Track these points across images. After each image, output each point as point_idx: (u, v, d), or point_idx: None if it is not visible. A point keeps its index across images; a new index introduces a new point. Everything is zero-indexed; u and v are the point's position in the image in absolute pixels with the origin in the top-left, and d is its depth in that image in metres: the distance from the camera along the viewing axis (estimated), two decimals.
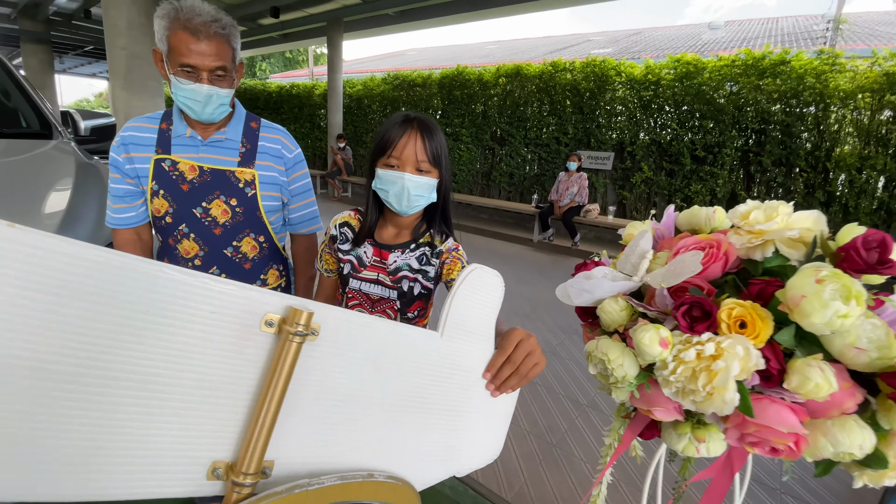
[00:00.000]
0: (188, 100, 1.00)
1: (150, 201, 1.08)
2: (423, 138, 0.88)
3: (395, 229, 1.00)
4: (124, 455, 0.40)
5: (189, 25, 0.95)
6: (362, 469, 0.56)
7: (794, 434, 0.56)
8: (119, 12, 5.83)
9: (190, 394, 0.42)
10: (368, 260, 0.99)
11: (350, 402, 0.53)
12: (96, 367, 0.37)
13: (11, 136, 1.76)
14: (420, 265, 0.97)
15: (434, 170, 0.91)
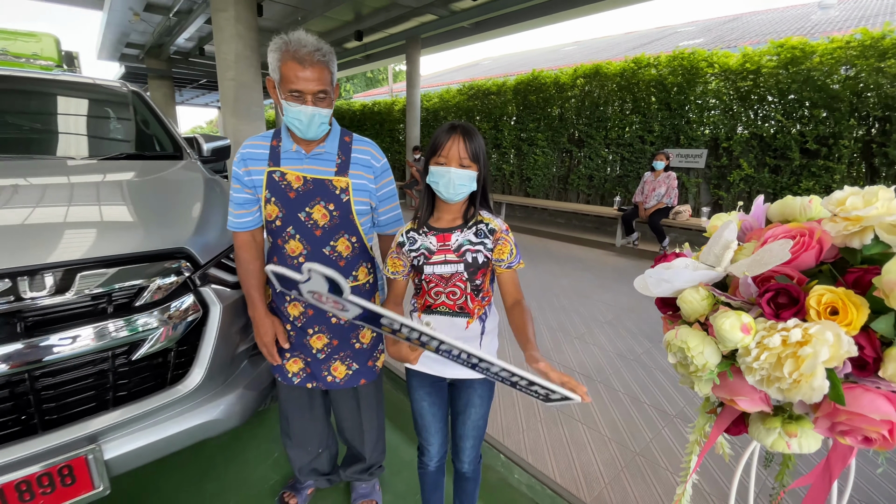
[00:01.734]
0: (296, 120, 1.18)
1: (263, 208, 1.28)
2: (464, 141, 1.08)
3: (449, 216, 1.17)
4: None
5: (296, 56, 1.12)
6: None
7: (888, 422, 0.54)
8: (228, 47, 6.67)
9: None
10: (434, 247, 1.16)
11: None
12: None
13: (151, 158, 2.14)
14: (478, 238, 1.15)
15: (474, 165, 1.10)
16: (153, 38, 11.98)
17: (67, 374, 1.13)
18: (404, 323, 0.83)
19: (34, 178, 1.59)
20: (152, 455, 1.28)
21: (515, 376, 0.78)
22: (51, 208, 1.33)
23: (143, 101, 2.50)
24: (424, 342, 0.86)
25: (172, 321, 1.26)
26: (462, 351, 0.78)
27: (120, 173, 1.78)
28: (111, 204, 1.46)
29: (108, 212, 1.39)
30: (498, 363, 0.76)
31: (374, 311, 0.85)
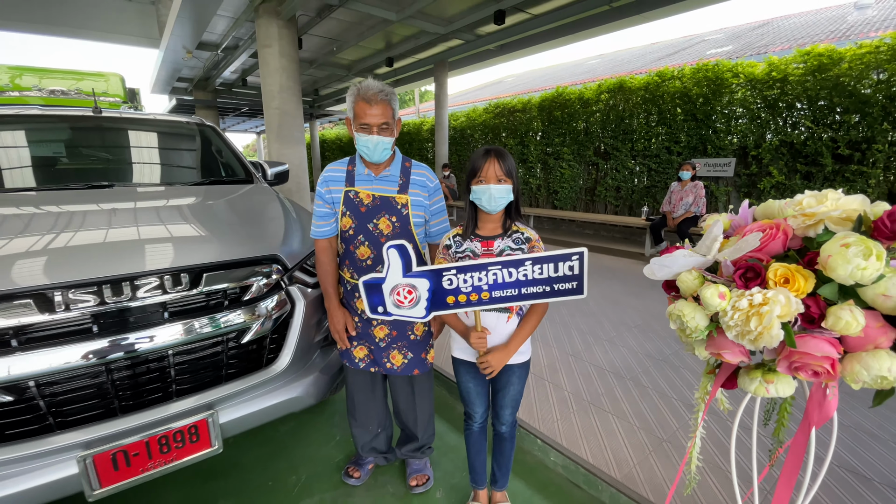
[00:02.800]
0: (364, 147, 1.48)
1: (339, 220, 1.57)
2: (498, 161, 1.33)
3: (491, 224, 1.43)
4: None
5: (365, 97, 1.44)
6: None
7: (828, 358, 0.75)
8: (273, 80, 7.26)
9: None
10: (479, 251, 1.41)
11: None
12: None
13: (230, 182, 2.51)
14: (517, 245, 1.39)
15: (508, 179, 1.35)
16: (202, 73, 12.99)
17: (194, 353, 1.44)
18: (461, 266, 1.26)
19: (150, 201, 1.96)
20: (252, 422, 1.57)
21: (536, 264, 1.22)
22: (172, 225, 1.68)
23: (218, 134, 2.91)
24: (479, 287, 1.27)
25: (269, 313, 1.57)
26: (503, 266, 1.23)
27: (217, 196, 2.14)
28: (217, 220, 1.81)
29: (216, 226, 1.73)
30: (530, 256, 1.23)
31: (436, 269, 1.29)
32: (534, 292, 1.26)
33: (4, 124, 2.33)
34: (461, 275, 1.27)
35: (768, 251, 0.90)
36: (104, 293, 1.28)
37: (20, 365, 1.16)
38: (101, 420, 1.31)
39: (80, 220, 1.59)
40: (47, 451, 1.22)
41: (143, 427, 1.34)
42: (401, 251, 1.27)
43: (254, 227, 1.83)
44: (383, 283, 1.31)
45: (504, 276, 1.25)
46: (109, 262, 1.34)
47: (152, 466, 1.36)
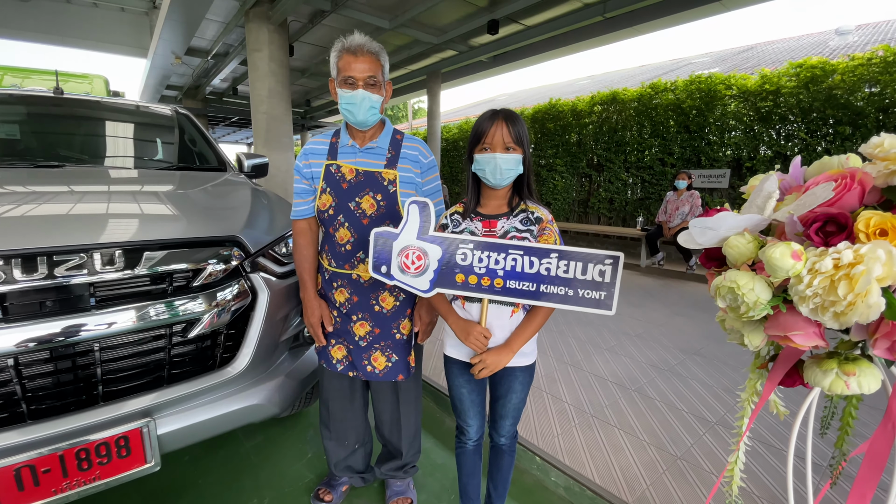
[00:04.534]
0: (348, 104, 1.28)
1: (318, 198, 1.36)
2: (507, 125, 1.14)
3: (495, 202, 1.22)
4: None
5: (350, 49, 1.26)
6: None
7: None
8: (262, 84, 7.10)
9: None
10: (480, 232, 1.20)
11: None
12: None
13: (202, 169, 2.29)
14: (525, 226, 1.18)
15: (518, 148, 1.15)
16: (191, 80, 12.82)
17: (128, 348, 1.20)
18: (480, 242, 1.10)
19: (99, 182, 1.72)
20: (200, 434, 1.31)
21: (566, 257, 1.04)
22: (123, 203, 1.45)
23: (192, 123, 2.69)
24: (493, 271, 1.10)
25: (224, 303, 1.33)
26: (524, 252, 1.06)
27: (179, 179, 1.92)
28: (174, 200, 1.58)
29: (171, 205, 1.50)
30: (553, 248, 1.06)
31: (453, 238, 1.13)
32: (553, 293, 1.07)
33: None
34: (478, 251, 1.09)
35: (841, 205, 0.71)
36: (12, 269, 1.04)
37: None
38: (3, 428, 1.05)
39: (9, 196, 1.35)
40: None
41: (58, 437, 1.08)
42: (422, 209, 1.12)
43: (214, 208, 1.61)
44: (395, 239, 1.15)
45: (524, 265, 1.07)
46: (23, 234, 1.10)
47: (68, 486, 1.10)
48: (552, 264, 1.06)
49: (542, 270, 1.07)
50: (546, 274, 1.07)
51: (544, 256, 1.06)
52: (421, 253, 1.14)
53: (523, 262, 1.07)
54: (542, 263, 1.06)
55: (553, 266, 1.06)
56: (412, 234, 1.15)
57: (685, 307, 4.17)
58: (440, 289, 1.15)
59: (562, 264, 1.05)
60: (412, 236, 1.15)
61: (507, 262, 1.08)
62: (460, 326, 1.21)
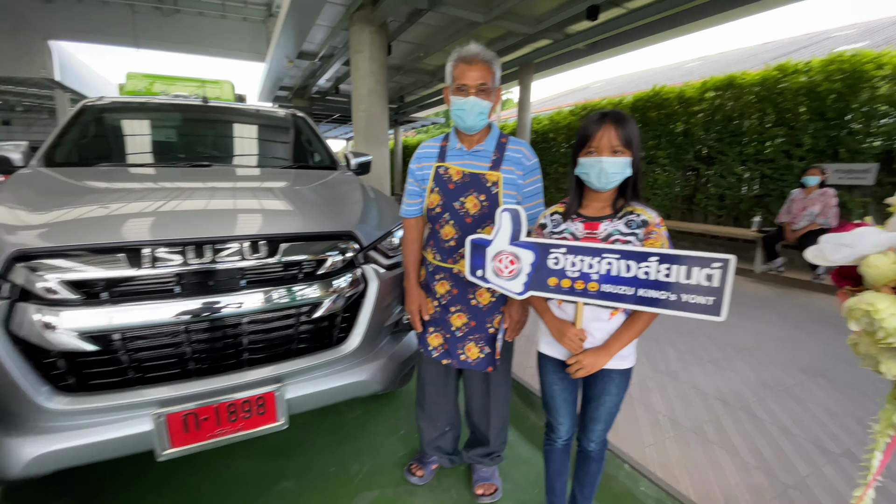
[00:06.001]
0: (459, 110, 1.37)
1: (427, 197, 1.47)
2: (616, 128, 1.12)
3: (598, 203, 1.21)
4: None
5: (464, 59, 1.35)
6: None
7: None
8: (363, 83, 7.56)
9: None
10: (580, 233, 1.21)
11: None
12: None
13: (315, 168, 2.56)
14: (629, 229, 1.16)
15: (627, 150, 1.13)
16: (300, 81, 14.08)
17: (266, 323, 1.42)
18: (572, 246, 1.11)
19: (240, 179, 2.03)
20: (318, 402, 1.52)
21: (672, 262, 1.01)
22: (263, 200, 1.70)
23: (308, 125, 3.00)
24: (587, 275, 1.10)
25: (342, 290, 1.50)
26: (625, 255, 1.05)
27: (303, 177, 2.18)
28: (302, 197, 1.82)
29: (300, 202, 1.74)
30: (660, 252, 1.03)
31: (545, 243, 1.15)
32: (653, 297, 1.04)
33: (129, 111, 2.60)
34: (570, 255, 1.11)
35: None
36: (187, 254, 1.29)
37: (108, 316, 1.20)
38: (176, 381, 1.32)
39: (177, 192, 1.66)
40: (126, 404, 1.24)
41: (214, 392, 1.33)
42: (513, 216, 1.17)
43: (333, 205, 1.81)
44: (489, 245, 1.22)
45: (620, 269, 1.06)
46: (194, 226, 1.36)
47: (220, 433, 1.34)
48: (651, 268, 1.03)
49: (640, 274, 1.05)
50: (645, 278, 1.04)
51: (642, 260, 1.04)
52: (514, 257, 1.19)
53: (619, 266, 1.06)
54: (641, 267, 1.04)
55: (652, 270, 1.03)
56: (504, 240, 1.20)
57: (808, 321, 3.69)
58: (533, 292, 1.19)
59: (663, 268, 1.02)
60: (505, 242, 1.20)
61: (602, 266, 1.08)
62: (555, 326, 1.24)
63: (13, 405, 1.18)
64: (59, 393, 1.21)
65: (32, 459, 1.17)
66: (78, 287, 1.20)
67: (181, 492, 1.68)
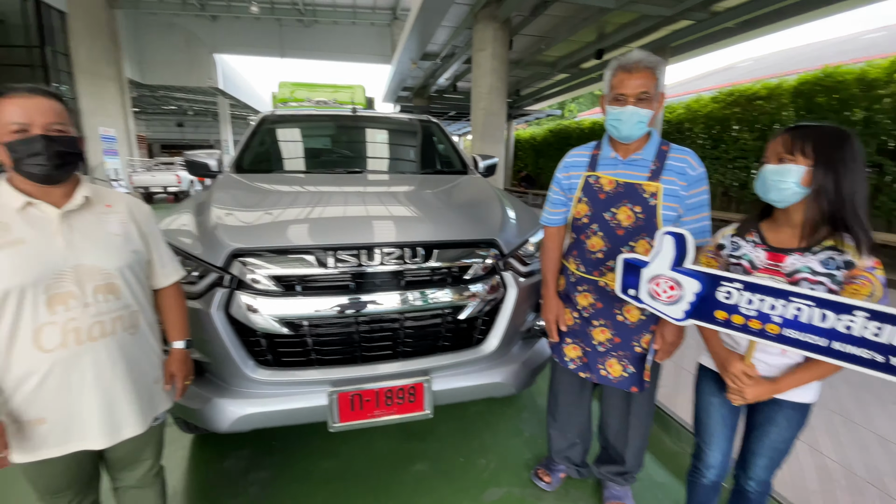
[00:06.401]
0: (614, 120, 1.32)
1: (574, 206, 1.46)
2: (789, 134, 1.01)
3: (788, 229, 1.05)
4: None
5: (625, 67, 1.29)
6: None
7: None
8: (484, 81, 7.67)
9: None
10: (761, 262, 1.07)
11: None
12: None
13: (449, 172, 2.69)
14: (825, 269, 0.99)
15: (802, 159, 0.98)
16: (421, 81, 14.79)
17: (419, 321, 1.56)
18: (752, 284, 0.96)
19: (390, 185, 2.24)
20: (458, 397, 1.63)
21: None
22: (410, 206, 1.87)
23: (441, 130, 3.17)
24: (767, 316, 0.95)
25: (484, 295, 1.59)
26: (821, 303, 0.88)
27: (442, 183, 2.34)
28: (445, 204, 1.97)
29: (445, 209, 1.88)
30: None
31: (717, 275, 1.03)
32: (852, 354, 0.87)
33: (297, 122, 3.02)
34: (748, 293, 0.98)
35: None
36: (361, 257, 1.48)
37: (298, 305, 1.43)
38: (346, 364, 1.52)
39: (346, 198, 1.90)
40: (308, 380, 1.48)
41: (374, 377, 1.52)
42: (678, 241, 1.07)
43: (474, 212, 1.90)
44: (644, 267, 1.14)
45: (813, 317, 0.90)
46: (366, 232, 1.55)
47: (378, 414, 1.52)
48: (856, 323, 0.85)
49: (838, 327, 0.87)
50: (846, 332, 0.87)
51: (845, 312, 0.86)
52: (675, 283, 1.08)
53: (812, 314, 0.90)
54: (841, 319, 0.86)
55: (857, 325, 0.85)
56: (664, 264, 1.10)
57: None
58: (696, 321, 1.09)
59: (872, 325, 0.84)
60: (664, 267, 1.10)
61: (788, 310, 0.92)
62: (720, 357, 1.15)
63: (226, 373, 1.48)
64: (260, 366, 1.48)
65: (238, 418, 1.46)
66: (277, 280, 1.45)
67: (333, 459, 1.94)
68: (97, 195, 1.06)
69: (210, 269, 1.45)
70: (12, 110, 0.90)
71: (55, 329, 0.95)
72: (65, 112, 0.96)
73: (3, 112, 0.90)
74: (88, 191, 1.03)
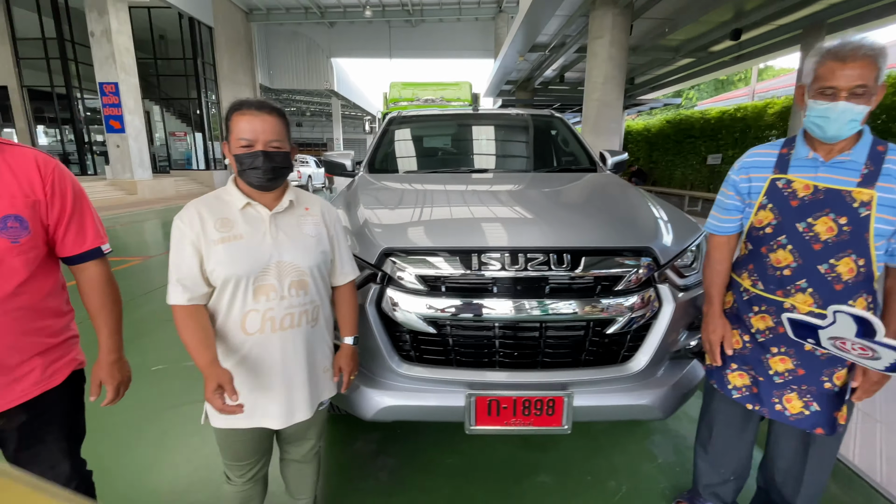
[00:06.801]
0: (817, 118, 1.11)
1: (754, 214, 1.27)
2: None
3: None
4: None
5: (838, 55, 1.06)
6: None
7: None
8: (599, 70, 7.21)
9: None
10: None
11: None
12: None
13: (576, 170, 2.54)
14: None
15: None
16: (525, 74, 14.46)
17: (562, 331, 1.49)
18: None
19: (525, 185, 2.18)
20: (597, 415, 1.53)
21: None
22: (551, 208, 1.80)
23: (565, 125, 3.02)
24: None
25: (636, 309, 1.45)
26: None
27: (577, 182, 2.22)
28: (589, 206, 1.86)
29: (590, 212, 1.77)
30: None
31: None
32: None
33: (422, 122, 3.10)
34: None
35: None
36: (505, 260, 1.44)
37: (443, 305, 1.44)
38: (485, 368, 1.51)
39: (483, 198, 1.89)
40: (448, 380, 1.49)
41: (512, 385, 1.48)
42: (862, 327, 0.92)
43: (624, 216, 1.77)
44: (819, 329, 1.02)
45: None
46: (510, 235, 1.51)
47: (514, 423, 1.49)
48: None
49: None
50: None
51: None
52: (866, 347, 0.95)
53: None
54: None
55: None
56: (846, 332, 0.95)
57: None
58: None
59: None
60: (848, 333, 0.95)
61: None
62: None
63: (374, 365, 1.55)
64: (404, 361, 1.53)
65: (383, 408, 1.52)
66: (423, 280, 1.48)
67: (457, 455, 1.96)
68: (298, 199, 1.18)
69: (364, 266, 1.53)
70: (243, 126, 1.03)
71: (257, 316, 1.08)
72: (283, 128, 1.08)
73: (235, 127, 1.04)
74: (293, 195, 1.15)
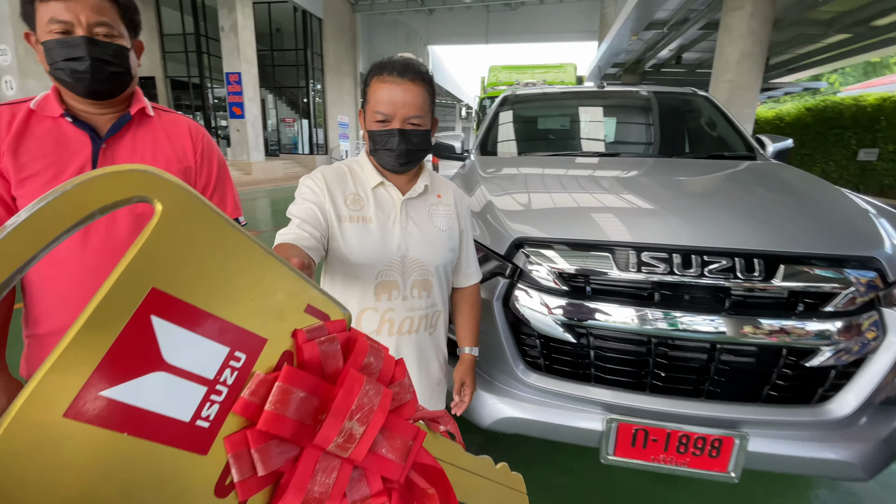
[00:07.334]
0: None
1: None
2: None
3: None
4: None
5: None
6: None
7: None
8: (734, 48, 6.24)
9: None
10: None
11: None
12: None
13: (732, 157, 2.12)
14: None
15: None
16: (636, 55, 13.26)
17: (741, 356, 1.18)
18: None
19: (677, 173, 1.85)
20: (779, 466, 1.19)
21: None
22: (726, 201, 1.47)
23: (714, 105, 2.57)
24: None
25: (850, 337, 1.10)
26: None
27: (745, 170, 1.85)
28: (778, 201, 1.49)
29: (782, 209, 1.41)
30: None
31: None
32: None
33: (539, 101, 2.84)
34: None
35: None
36: (673, 262, 1.17)
37: (584, 310, 1.22)
38: (631, 390, 1.26)
39: (633, 186, 1.62)
40: (582, 398, 1.27)
41: (665, 415, 1.21)
42: None
43: (833, 215, 1.38)
44: None
45: None
46: (683, 231, 1.23)
47: (664, 460, 1.22)
48: None
49: None
50: None
51: None
52: None
53: None
54: None
55: None
56: None
57: None
58: None
59: None
60: None
61: None
62: None
63: (495, 369, 1.37)
64: (530, 369, 1.33)
65: (502, 418, 1.34)
66: (563, 278, 1.26)
67: (567, 475, 1.73)
68: (433, 184, 1.02)
69: (491, 257, 1.35)
70: (381, 96, 0.88)
71: (375, 315, 0.94)
72: (427, 99, 0.92)
73: (373, 96, 0.90)
74: (428, 178, 1.00)
